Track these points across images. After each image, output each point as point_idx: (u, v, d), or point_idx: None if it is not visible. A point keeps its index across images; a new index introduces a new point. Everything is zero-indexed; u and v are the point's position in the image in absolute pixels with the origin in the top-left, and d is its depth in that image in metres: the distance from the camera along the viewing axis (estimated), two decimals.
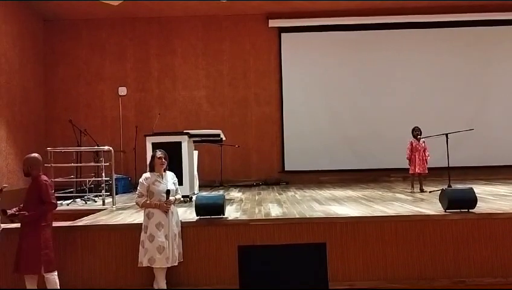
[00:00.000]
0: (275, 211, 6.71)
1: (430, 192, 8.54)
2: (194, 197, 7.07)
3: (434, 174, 9.96)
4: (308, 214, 6.27)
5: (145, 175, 5.57)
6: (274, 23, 12.59)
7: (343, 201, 7.78)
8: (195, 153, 8.96)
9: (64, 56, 12.62)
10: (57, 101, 12.56)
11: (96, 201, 8.58)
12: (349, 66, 12.59)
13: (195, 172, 8.88)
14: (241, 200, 8.52)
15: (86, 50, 12.70)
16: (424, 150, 8.93)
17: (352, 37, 12.63)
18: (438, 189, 7.63)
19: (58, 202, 5.63)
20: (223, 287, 5.68)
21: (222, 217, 5.94)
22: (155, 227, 5.32)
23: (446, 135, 8.61)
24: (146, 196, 5.42)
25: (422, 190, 8.88)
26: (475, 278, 5.70)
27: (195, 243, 5.75)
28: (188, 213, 6.56)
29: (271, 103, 12.70)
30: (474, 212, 5.92)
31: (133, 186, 10.60)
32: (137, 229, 5.55)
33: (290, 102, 12.56)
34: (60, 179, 8.73)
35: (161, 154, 5.58)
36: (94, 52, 12.70)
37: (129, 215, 6.73)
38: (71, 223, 6.19)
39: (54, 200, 5.24)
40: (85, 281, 5.71)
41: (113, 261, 5.73)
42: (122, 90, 12.65)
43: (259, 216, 6.28)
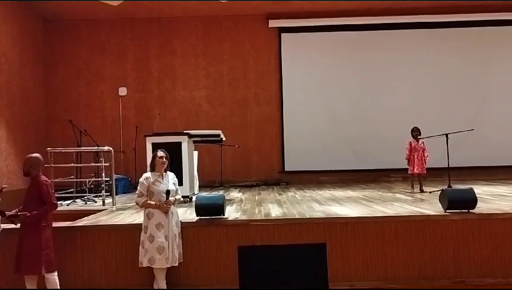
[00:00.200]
0: (275, 212, 6.70)
1: (430, 192, 8.54)
2: (194, 197, 7.06)
3: (434, 174, 9.98)
4: (308, 215, 6.27)
5: (145, 175, 5.55)
6: (274, 23, 12.60)
7: (343, 201, 7.78)
8: (195, 154, 8.96)
9: (64, 56, 12.63)
10: (57, 101, 12.56)
11: (96, 201, 8.57)
12: (348, 66, 12.60)
13: (195, 172, 8.88)
14: (241, 200, 8.52)
15: (86, 50, 12.71)
16: (423, 151, 8.92)
17: (351, 37, 12.64)
18: (438, 189, 7.63)
19: (58, 203, 5.62)
20: (223, 287, 5.68)
21: (222, 218, 5.94)
22: (155, 227, 5.31)
23: (446, 135, 8.61)
24: (146, 196, 5.41)
25: (422, 190, 8.87)
26: (475, 278, 5.69)
27: (195, 244, 5.74)
28: (188, 213, 6.56)
29: (271, 103, 12.71)
30: (474, 212, 5.91)
31: (133, 186, 10.61)
32: (137, 229, 5.54)
33: (290, 102, 12.57)
34: (60, 180, 8.72)
35: (163, 153, 5.55)
36: (94, 52, 12.70)
37: (129, 215, 6.73)
38: (71, 223, 6.18)
39: (55, 200, 5.23)
40: (85, 281, 5.70)
41: (113, 261, 5.73)
42: (122, 90, 12.66)
43: (259, 216, 6.27)
